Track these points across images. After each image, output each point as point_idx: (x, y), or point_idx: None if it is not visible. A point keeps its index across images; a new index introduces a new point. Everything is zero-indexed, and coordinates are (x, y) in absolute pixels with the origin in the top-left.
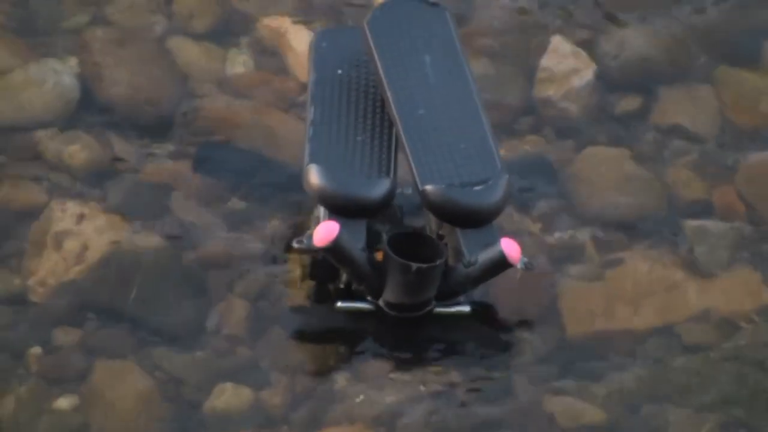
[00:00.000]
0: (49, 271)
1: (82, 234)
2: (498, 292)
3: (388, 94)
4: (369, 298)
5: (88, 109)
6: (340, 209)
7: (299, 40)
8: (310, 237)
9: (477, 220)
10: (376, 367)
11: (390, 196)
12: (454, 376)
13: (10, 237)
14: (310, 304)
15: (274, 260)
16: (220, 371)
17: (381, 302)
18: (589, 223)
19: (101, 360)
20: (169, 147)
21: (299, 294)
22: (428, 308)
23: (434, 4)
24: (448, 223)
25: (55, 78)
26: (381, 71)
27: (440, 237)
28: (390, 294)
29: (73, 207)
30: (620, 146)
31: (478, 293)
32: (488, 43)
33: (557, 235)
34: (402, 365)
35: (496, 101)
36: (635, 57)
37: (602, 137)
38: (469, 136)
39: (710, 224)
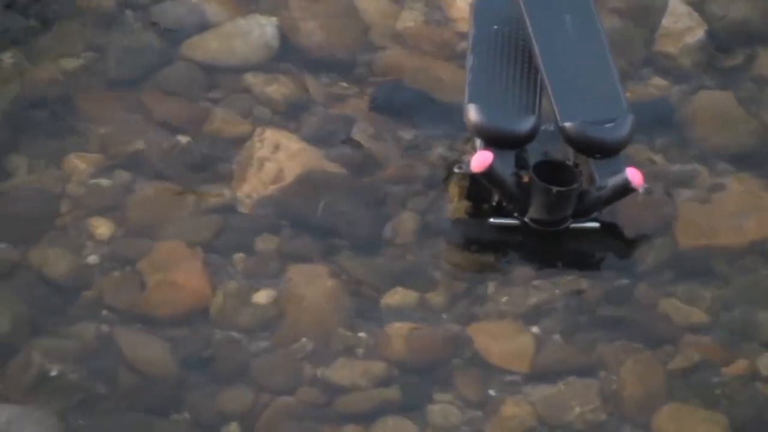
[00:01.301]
0: (253, 187)
1: (279, 159)
2: (623, 211)
3: (535, 46)
4: (516, 215)
5: (286, 54)
6: (493, 141)
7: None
8: (468, 164)
9: (607, 152)
10: (521, 273)
11: (535, 131)
12: (585, 281)
13: (222, 160)
14: (468, 220)
15: (439, 182)
16: (393, 274)
17: (526, 219)
18: (700, 155)
19: (295, 263)
20: (353, 87)
21: (459, 210)
22: (565, 224)
23: None
24: (582, 154)
25: (259, 29)
26: (529, 27)
27: (576, 165)
28: (534, 212)
29: (272, 135)
30: (726, 91)
31: (606, 212)
32: (617, 5)
33: (673, 164)
34: (542, 272)
35: (624, 53)
36: (739, 19)
37: (711, 84)
38: (601, 81)
39: None
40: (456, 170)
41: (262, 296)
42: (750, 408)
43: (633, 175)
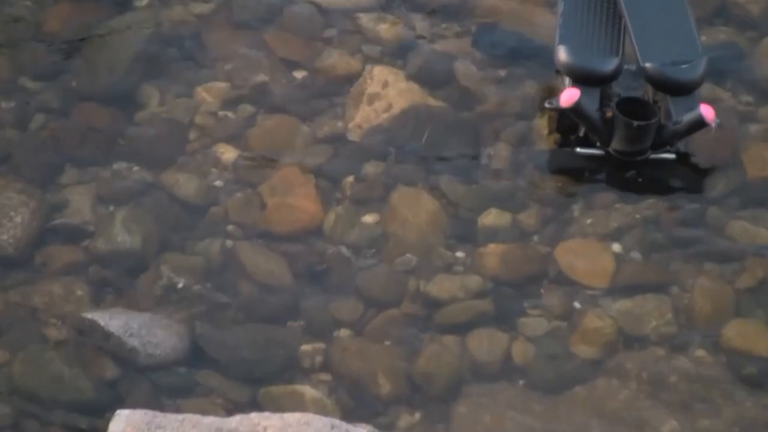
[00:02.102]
0: (363, 119)
1: (387, 93)
2: (696, 144)
3: None
4: (600, 146)
5: None
6: (580, 79)
7: None
8: (558, 99)
9: (683, 90)
10: (603, 198)
11: (618, 70)
12: (661, 206)
13: (335, 94)
14: (556, 149)
15: (531, 115)
16: (488, 197)
17: (610, 149)
18: (766, 94)
19: (399, 186)
20: (455, 27)
21: (548, 141)
22: (645, 155)
23: None
24: (661, 92)
25: None
26: None
27: (655, 102)
28: (616, 143)
29: (381, 72)
30: None
31: (681, 145)
32: None
33: (742, 102)
34: (622, 197)
35: (698, 1)
36: None
37: None
38: (678, 26)
39: None
40: (546, 105)
41: (369, 217)
42: None
43: (706, 112)
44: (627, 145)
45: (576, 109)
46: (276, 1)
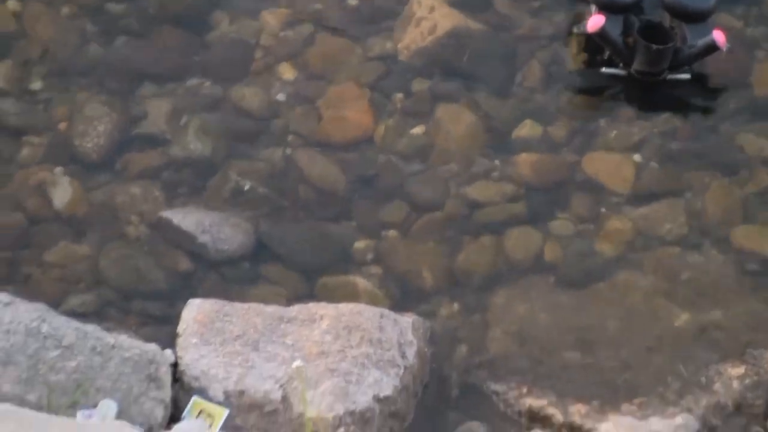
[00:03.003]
0: (410, 40)
1: (433, 17)
2: (710, 66)
3: None
4: (623, 66)
5: None
6: (605, 7)
7: None
8: (585, 25)
9: (698, 17)
10: (626, 113)
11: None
12: (677, 121)
13: (386, 18)
14: (584, 69)
15: (562, 38)
16: (522, 111)
17: (631, 70)
18: None
19: (443, 102)
20: None
21: (577, 62)
22: (663, 75)
23: None
24: (677, 19)
25: None
26: None
27: (672, 28)
28: (637, 64)
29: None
30: None
31: (696, 66)
32: None
33: (750, 29)
34: (643, 113)
35: None
36: None
37: None
38: None
39: None
40: (575, 30)
41: (415, 129)
42: None
43: (718, 37)
44: (647, 66)
45: (601, 33)
46: None
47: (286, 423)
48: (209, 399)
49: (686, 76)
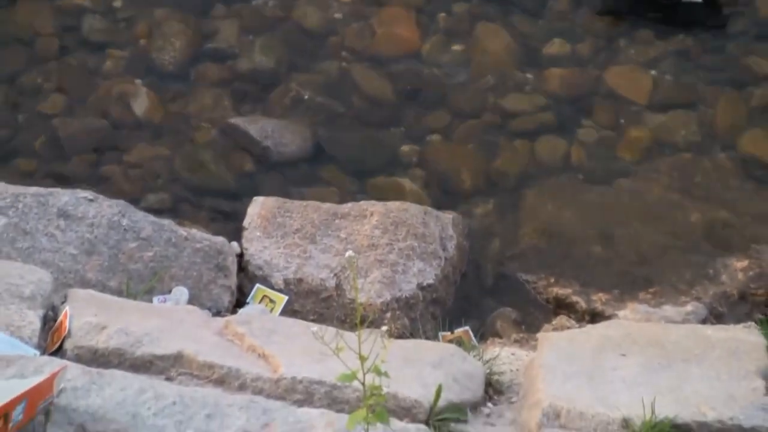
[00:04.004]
0: None
1: None
2: None
3: None
4: None
5: None
6: None
7: None
8: None
9: None
10: (644, 33)
11: None
12: (689, 40)
13: None
14: None
15: None
16: (552, 31)
17: None
18: None
19: (481, 21)
20: None
21: None
22: None
23: None
24: None
25: None
26: None
27: None
28: None
29: None
30: None
31: None
32: None
33: None
34: (659, 33)
35: None
36: None
37: None
38: None
39: None
40: None
41: (457, 45)
42: None
43: None
44: None
45: None
46: None
47: (339, 308)
48: (271, 286)
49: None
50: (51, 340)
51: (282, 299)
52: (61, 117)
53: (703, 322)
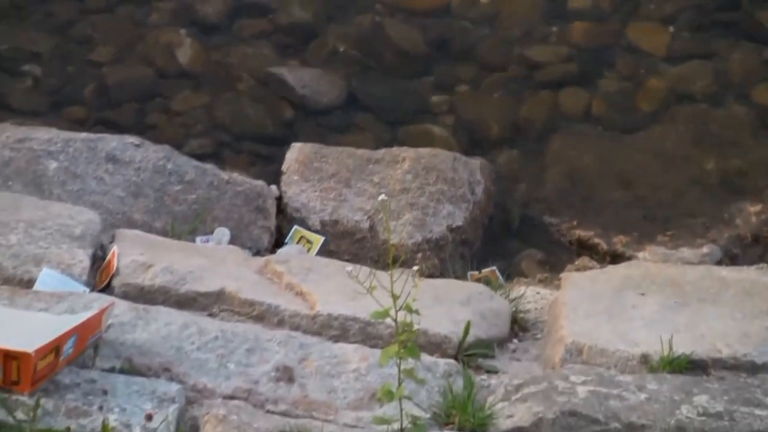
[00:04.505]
0: None
1: None
2: None
3: None
4: None
5: None
6: None
7: None
8: None
9: None
10: None
11: None
12: None
13: None
14: None
15: None
16: None
17: None
18: None
19: None
20: None
21: None
22: None
23: None
24: None
25: None
26: None
27: None
28: None
29: None
30: None
31: None
32: None
33: None
34: None
35: None
36: None
37: None
38: None
39: None
40: None
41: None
42: None
43: None
44: None
45: None
46: None
47: (373, 248)
48: (308, 228)
49: None
50: (100, 277)
51: (318, 240)
52: (110, 66)
53: (719, 263)
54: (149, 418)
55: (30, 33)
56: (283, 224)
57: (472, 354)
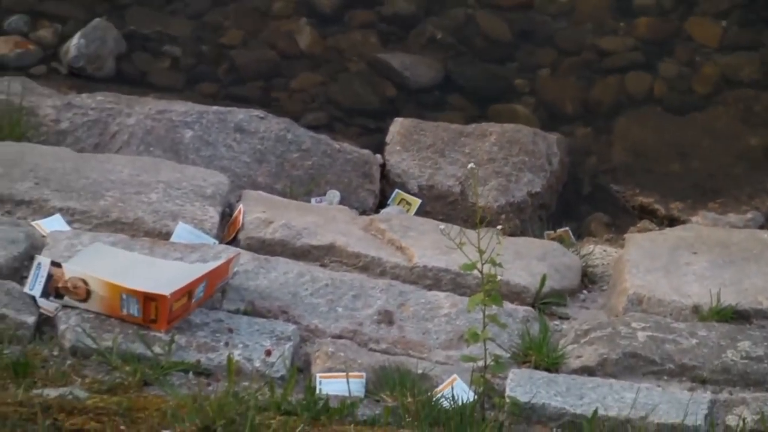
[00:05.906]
0: None
1: None
2: None
3: None
4: None
5: None
6: None
7: None
8: None
9: None
10: None
11: None
12: None
13: None
14: None
15: None
16: None
17: None
18: None
19: None
20: None
21: None
22: None
23: None
24: None
25: None
26: None
27: None
28: None
29: None
30: None
31: None
32: None
33: None
34: None
35: None
36: None
37: None
38: None
39: None
40: None
41: None
42: None
43: None
44: None
45: None
46: None
47: (463, 210)
48: (407, 191)
49: None
50: (227, 231)
51: (416, 202)
52: (238, 49)
53: (761, 227)
54: (268, 353)
55: (170, 19)
56: (385, 188)
57: (547, 302)
